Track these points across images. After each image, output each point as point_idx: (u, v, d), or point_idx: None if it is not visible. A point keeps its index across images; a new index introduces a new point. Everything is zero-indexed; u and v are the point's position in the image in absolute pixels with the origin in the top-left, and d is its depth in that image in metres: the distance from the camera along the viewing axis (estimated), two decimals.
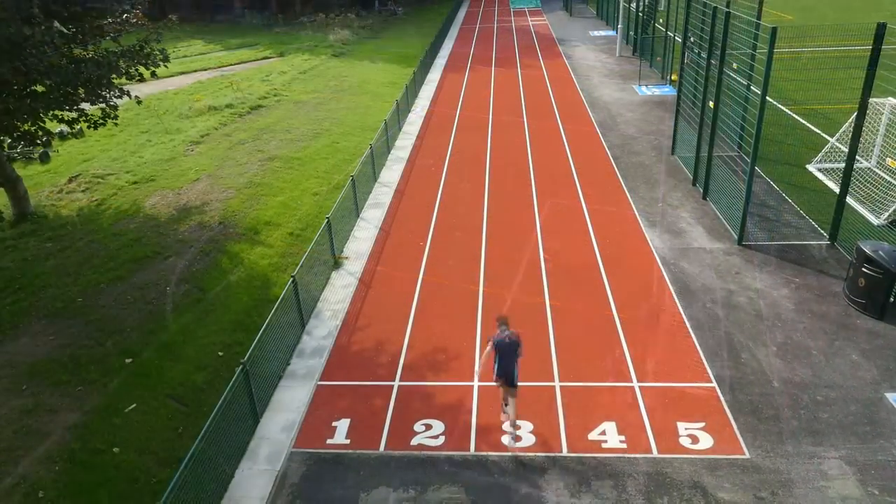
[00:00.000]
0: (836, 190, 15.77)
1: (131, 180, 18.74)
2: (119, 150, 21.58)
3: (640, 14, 33.98)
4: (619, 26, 35.84)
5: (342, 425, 10.02)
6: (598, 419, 9.84)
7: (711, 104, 16.65)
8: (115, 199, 17.61)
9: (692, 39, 19.91)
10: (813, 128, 21.35)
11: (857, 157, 13.61)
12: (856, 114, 13.15)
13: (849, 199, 14.45)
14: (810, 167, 18.31)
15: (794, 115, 22.59)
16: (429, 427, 9.84)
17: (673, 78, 28.27)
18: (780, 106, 23.06)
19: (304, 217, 16.57)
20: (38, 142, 15.92)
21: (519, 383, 9.36)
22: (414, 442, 9.60)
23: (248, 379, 9.72)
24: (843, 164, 14.05)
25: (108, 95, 14.62)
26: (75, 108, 14.64)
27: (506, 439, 9.45)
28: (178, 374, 10.88)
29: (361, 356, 11.67)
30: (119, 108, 16.05)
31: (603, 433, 9.55)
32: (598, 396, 10.31)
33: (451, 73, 33.53)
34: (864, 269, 11.82)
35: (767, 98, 13.33)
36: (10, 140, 15.10)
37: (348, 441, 9.69)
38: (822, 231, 14.88)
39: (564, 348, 11.48)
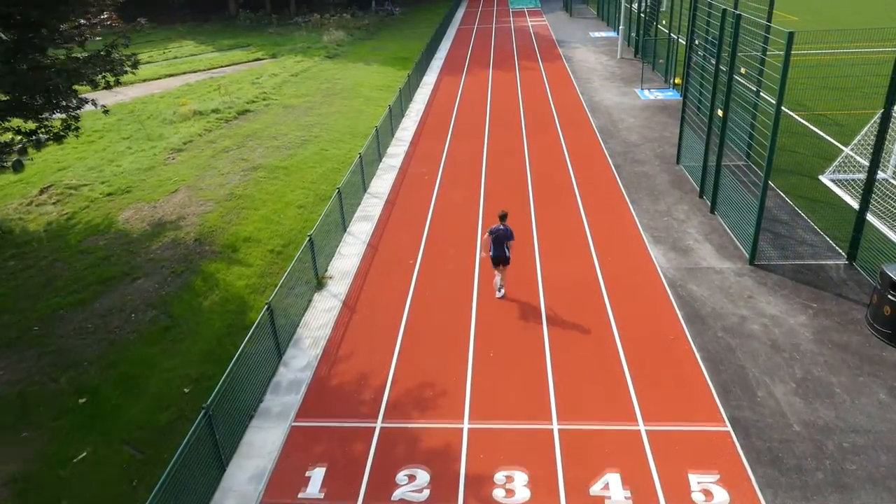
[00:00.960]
0: (852, 203, 14.82)
1: (106, 191, 17.71)
2: (97, 159, 20.56)
3: (642, 15, 32.99)
4: (621, 27, 34.84)
5: (317, 475, 9.03)
6: (600, 468, 8.86)
7: (720, 112, 15.66)
8: (86, 212, 16.59)
9: (697, 42, 18.95)
10: (824, 135, 20.37)
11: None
12: (878, 118, 12.19)
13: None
14: (823, 178, 17.31)
15: (803, 122, 21.62)
16: (412, 478, 8.85)
17: (676, 81, 27.29)
18: (787, 111, 22.05)
19: (287, 233, 15.57)
20: (12, 150, 14.85)
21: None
22: (395, 496, 8.61)
23: (211, 425, 8.76)
24: (859, 175, 13.08)
25: (68, 104, 13.46)
26: (34, 118, 13.52)
27: (497, 293, 13.03)
28: (138, 414, 9.88)
29: (342, 391, 10.68)
30: (91, 115, 14.90)
31: (606, 487, 8.56)
32: (600, 441, 9.32)
33: (447, 76, 32.54)
34: (889, 295, 10.84)
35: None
36: None
37: (322, 494, 8.71)
38: (840, 249, 13.90)
39: (563, 384, 10.49)
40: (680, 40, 26.52)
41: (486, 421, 9.83)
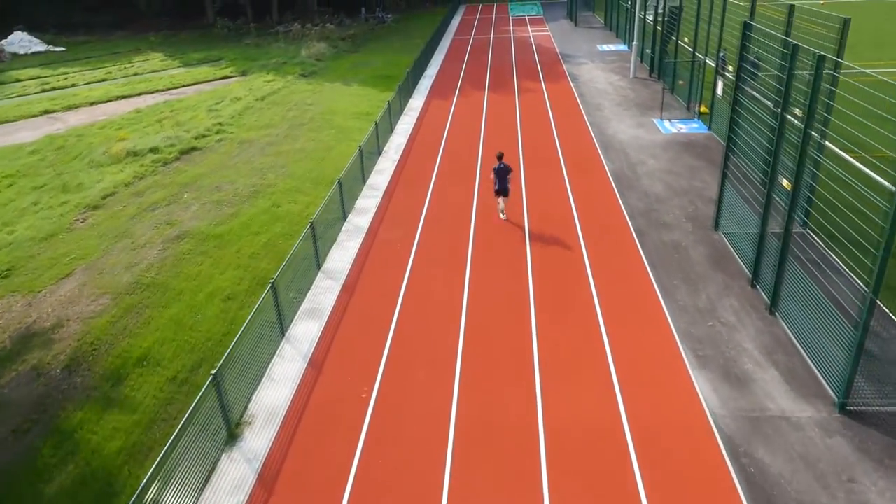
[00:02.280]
0: None
1: None
2: None
3: (658, 28, 28.92)
4: (634, 43, 30.78)
5: None
6: None
7: (787, 184, 11.65)
8: None
9: (742, 74, 14.86)
10: (891, 186, 16.16)
11: None
12: None
13: None
14: None
15: (859, 166, 17.30)
16: None
17: (702, 110, 23.24)
18: (836, 150, 17.70)
19: (202, 344, 11.56)
20: None
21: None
22: None
23: None
24: None
25: None
26: None
27: (501, 216, 16.18)
28: None
29: None
30: (8, 153, 10.77)
31: None
32: None
33: (436, 100, 28.52)
34: None
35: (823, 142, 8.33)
36: None
37: None
38: None
39: None
40: (708, 61, 22.53)
41: None
